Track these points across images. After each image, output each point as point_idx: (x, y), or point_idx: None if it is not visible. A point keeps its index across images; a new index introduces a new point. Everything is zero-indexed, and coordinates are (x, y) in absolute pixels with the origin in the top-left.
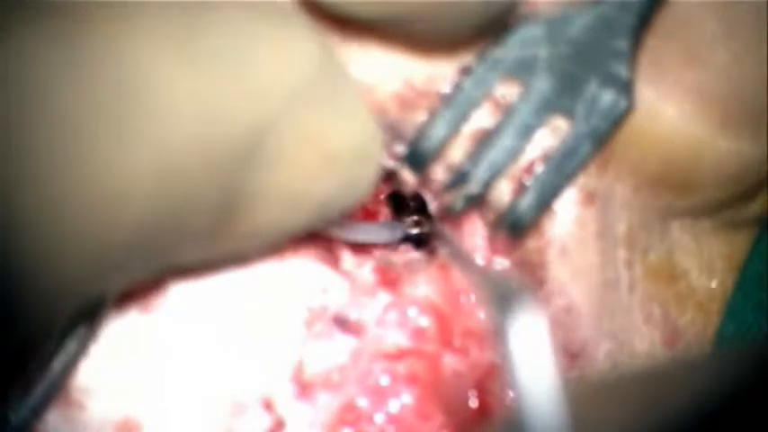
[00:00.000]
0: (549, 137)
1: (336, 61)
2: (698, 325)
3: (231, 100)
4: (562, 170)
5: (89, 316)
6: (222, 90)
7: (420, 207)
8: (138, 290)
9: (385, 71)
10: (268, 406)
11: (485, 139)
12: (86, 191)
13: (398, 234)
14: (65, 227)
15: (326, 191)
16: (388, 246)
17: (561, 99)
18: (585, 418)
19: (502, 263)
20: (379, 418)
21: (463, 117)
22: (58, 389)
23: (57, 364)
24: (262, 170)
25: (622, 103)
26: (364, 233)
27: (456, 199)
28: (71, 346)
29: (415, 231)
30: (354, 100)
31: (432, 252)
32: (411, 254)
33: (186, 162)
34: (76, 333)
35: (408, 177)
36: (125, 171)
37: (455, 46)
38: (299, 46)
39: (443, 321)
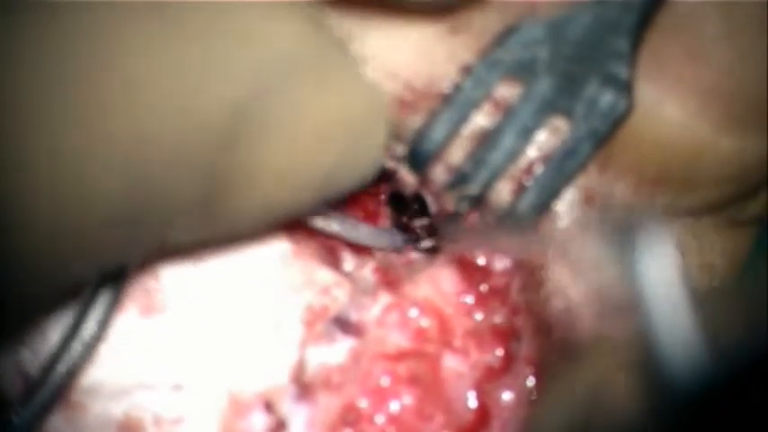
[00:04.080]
0: (548, 137)
1: (329, 35)
2: None
3: (211, 76)
4: (562, 170)
5: (97, 317)
6: (203, 66)
7: (420, 208)
8: (140, 292)
9: (385, 74)
10: (269, 406)
11: (485, 140)
12: (57, 159)
13: (398, 242)
14: (42, 195)
15: (325, 166)
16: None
17: (561, 100)
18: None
19: (502, 263)
20: (379, 418)
21: (463, 118)
22: (63, 392)
23: (61, 367)
24: (251, 146)
25: (622, 104)
26: (365, 236)
27: (456, 200)
28: (75, 348)
29: (424, 243)
30: (352, 73)
31: (432, 253)
32: (412, 255)
33: (163, 134)
34: (81, 336)
35: (409, 178)
36: (98, 138)
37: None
38: (285, 23)
39: (444, 322)
